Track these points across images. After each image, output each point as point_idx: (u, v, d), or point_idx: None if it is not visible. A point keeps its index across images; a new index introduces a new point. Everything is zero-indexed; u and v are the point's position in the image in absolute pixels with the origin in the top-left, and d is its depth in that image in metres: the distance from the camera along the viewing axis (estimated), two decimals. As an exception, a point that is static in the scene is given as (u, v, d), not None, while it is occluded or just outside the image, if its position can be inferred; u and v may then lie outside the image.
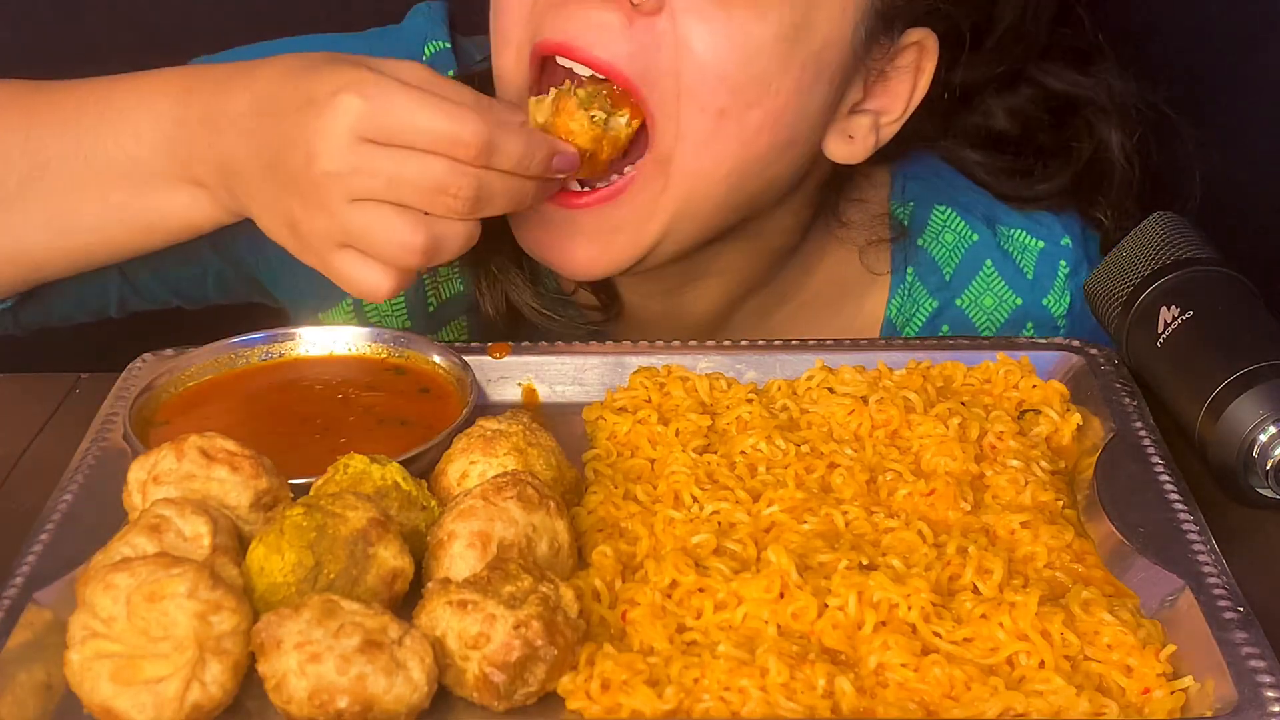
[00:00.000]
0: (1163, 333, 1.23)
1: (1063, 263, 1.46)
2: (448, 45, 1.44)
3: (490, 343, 1.27)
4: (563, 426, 1.18)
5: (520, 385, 1.26)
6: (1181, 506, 1.08)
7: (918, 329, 1.46)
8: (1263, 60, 1.67)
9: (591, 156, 1.22)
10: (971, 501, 1.09)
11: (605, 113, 1.22)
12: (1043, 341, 1.29)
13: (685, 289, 1.41)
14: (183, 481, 1.02)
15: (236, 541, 0.99)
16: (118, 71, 1.28)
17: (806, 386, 1.21)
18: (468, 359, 1.23)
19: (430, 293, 1.45)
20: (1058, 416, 1.19)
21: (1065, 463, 1.17)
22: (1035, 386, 1.22)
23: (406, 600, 0.98)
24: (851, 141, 1.32)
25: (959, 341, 1.31)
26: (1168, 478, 1.11)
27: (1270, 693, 0.91)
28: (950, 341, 1.32)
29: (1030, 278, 1.46)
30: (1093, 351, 1.27)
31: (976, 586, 1.01)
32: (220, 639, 0.91)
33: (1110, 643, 0.96)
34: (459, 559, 0.98)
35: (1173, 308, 1.23)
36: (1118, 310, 1.28)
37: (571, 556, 1.02)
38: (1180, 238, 1.28)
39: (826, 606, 0.98)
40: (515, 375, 1.26)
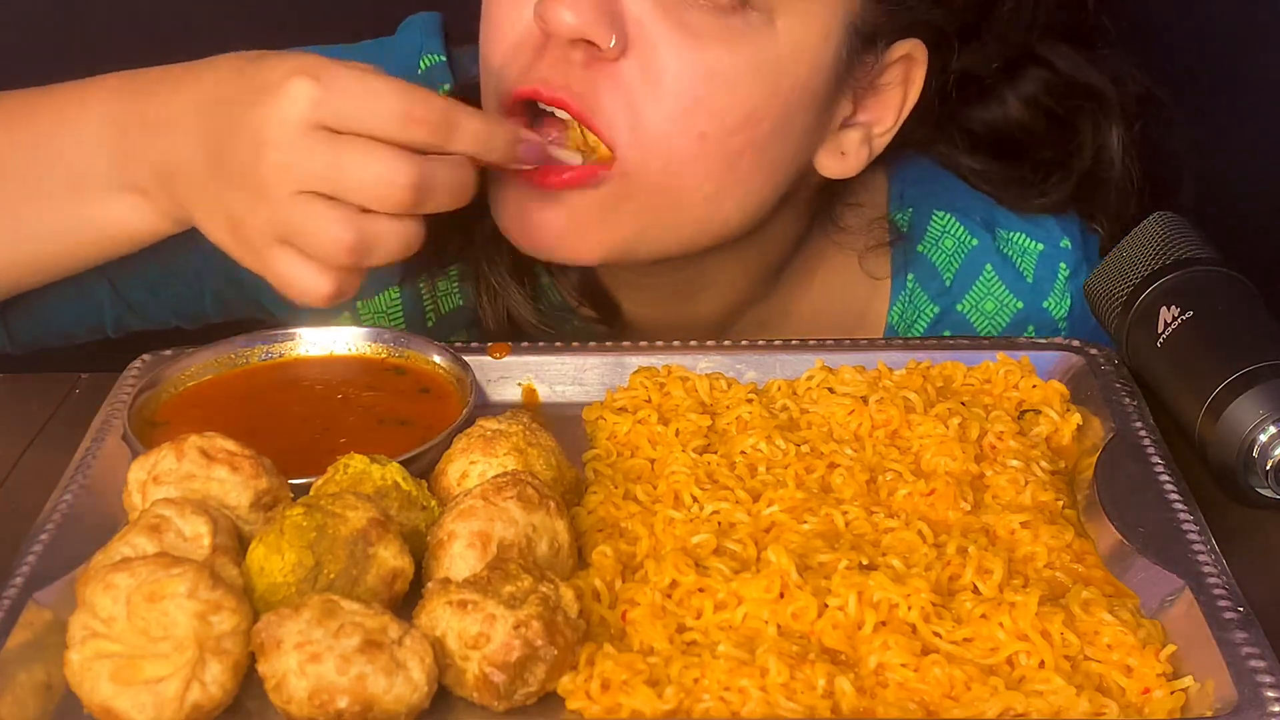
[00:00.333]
0: (1163, 333, 1.23)
1: (1062, 265, 1.45)
2: (443, 59, 1.43)
3: (490, 343, 1.27)
4: (563, 426, 1.17)
5: (520, 385, 1.26)
6: (1181, 506, 1.08)
7: (919, 336, 1.46)
8: (1263, 60, 1.67)
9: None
10: (971, 501, 1.09)
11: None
12: (1043, 341, 1.29)
13: (684, 300, 1.41)
14: (183, 481, 1.02)
15: (236, 541, 0.99)
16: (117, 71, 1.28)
17: (806, 386, 1.21)
18: (468, 359, 1.23)
19: (430, 308, 1.44)
20: (1058, 416, 1.19)
21: (1065, 463, 1.16)
22: (1035, 386, 1.22)
23: (406, 600, 0.98)
24: (844, 158, 1.32)
25: (959, 341, 1.31)
26: (1168, 478, 1.11)
27: (1270, 693, 0.91)
28: (950, 341, 1.32)
29: (1030, 281, 1.45)
30: (1093, 351, 1.26)
31: (976, 586, 1.01)
32: (220, 639, 0.91)
33: (1110, 643, 0.96)
34: (459, 559, 0.98)
35: (1173, 308, 1.23)
36: (1118, 310, 1.28)
37: (571, 556, 1.02)
38: (1180, 238, 1.28)
39: (826, 606, 0.98)
40: (515, 375, 1.26)
